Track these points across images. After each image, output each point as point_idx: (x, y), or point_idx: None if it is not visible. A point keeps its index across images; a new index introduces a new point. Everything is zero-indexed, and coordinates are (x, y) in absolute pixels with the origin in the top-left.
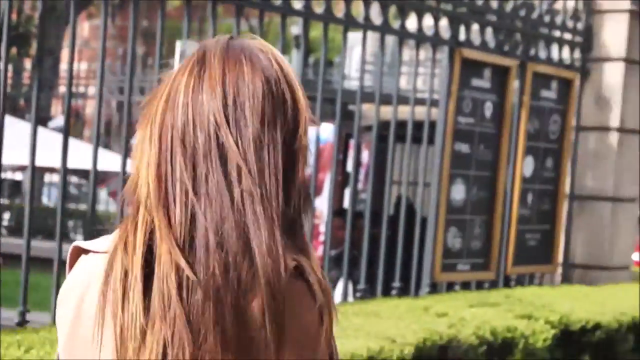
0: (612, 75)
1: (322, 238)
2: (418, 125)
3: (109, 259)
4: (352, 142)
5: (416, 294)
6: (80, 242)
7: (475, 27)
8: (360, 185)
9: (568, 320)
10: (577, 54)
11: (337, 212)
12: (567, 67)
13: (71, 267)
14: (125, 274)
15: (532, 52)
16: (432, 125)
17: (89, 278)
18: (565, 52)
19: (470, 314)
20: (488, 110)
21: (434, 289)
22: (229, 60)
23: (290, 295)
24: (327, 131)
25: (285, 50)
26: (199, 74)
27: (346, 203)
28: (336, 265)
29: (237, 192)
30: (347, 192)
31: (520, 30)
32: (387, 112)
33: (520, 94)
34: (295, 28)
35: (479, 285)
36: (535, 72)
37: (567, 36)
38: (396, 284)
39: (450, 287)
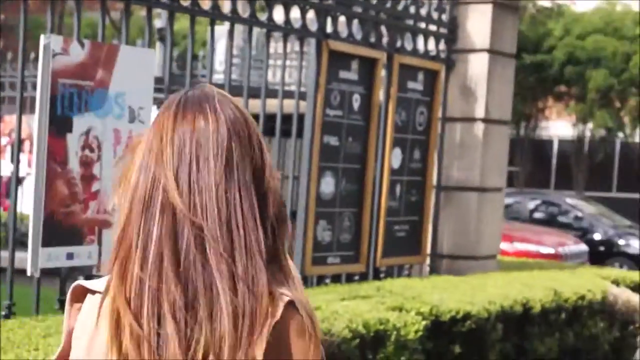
0: (477, 66)
1: None
2: (287, 119)
3: (100, 301)
4: None
5: None
6: (83, 282)
7: (342, 19)
8: None
9: (438, 311)
10: (442, 45)
11: None
12: (433, 58)
13: (72, 303)
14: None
15: (399, 44)
16: (301, 118)
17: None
18: (431, 43)
19: (342, 307)
20: (356, 102)
21: (305, 282)
22: (186, 114)
23: (287, 331)
24: None
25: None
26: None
27: None
28: None
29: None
30: None
31: (386, 22)
32: (255, 105)
33: (387, 85)
34: (158, 21)
35: (349, 278)
36: (402, 63)
37: (433, 28)
38: None
39: (320, 280)
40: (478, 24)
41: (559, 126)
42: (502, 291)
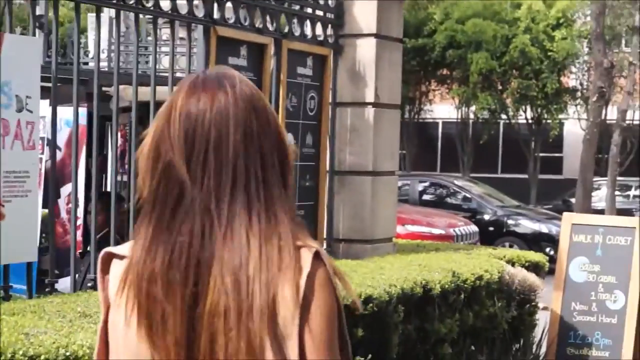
0: (365, 51)
1: (79, 222)
2: None
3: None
4: (110, 125)
5: None
6: (111, 248)
7: (229, 4)
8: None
9: (340, 295)
10: (330, 30)
11: (98, 196)
12: (321, 43)
13: (102, 269)
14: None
15: (287, 29)
16: None
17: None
18: (319, 29)
19: None
20: None
21: None
22: (206, 89)
23: (318, 279)
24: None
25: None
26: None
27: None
28: (99, 250)
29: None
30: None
31: (273, 7)
32: (145, 93)
33: (277, 71)
34: (38, 8)
35: None
36: (290, 49)
37: (320, 13)
38: None
39: None
40: (364, 9)
41: (442, 109)
42: (401, 274)
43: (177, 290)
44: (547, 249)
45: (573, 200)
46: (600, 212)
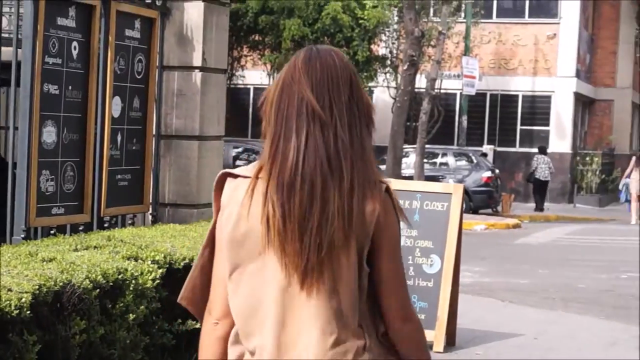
0: (193, 14)
1: None
2: (6, 67)
3: (251, 182)
4: None
5: (11, 241)
6: (228, 170)
7: None
8: None
9: (172, 258)
10: None
11: None
12: (149, 6)
13: (218, 187)
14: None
15: None
16: (20, 66)
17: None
18: None
19: (78, 258)
20: (75, 50)
21: (29, 234)
22: (336, 53)
23: (387, 204)
24: None
25: None
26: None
27: None
28: None
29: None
30: None
31: None
32: None
33: (105, 33)
34: None
35: (74, 229)
36: (118, 10)
37: None
38: None
39: (46, 231)
40: None
41: (254, 75)
42: None
43: (297, 194)
44: None
45: (382, 167)
46: (409, 179)
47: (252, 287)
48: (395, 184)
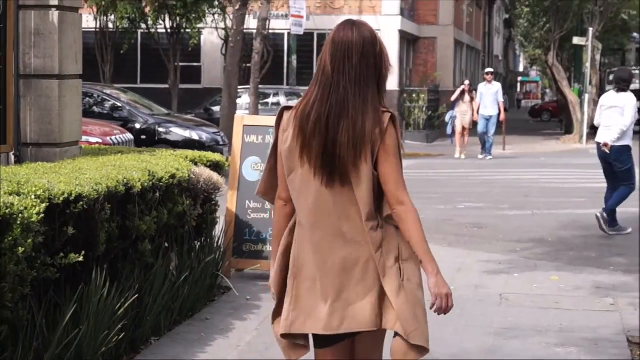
0: None
1: None
2: None
3: (291, 113)
4: None
5: None
6: (285, 105)
7: None
8: None
9: (52, 193)
10: None
11: None
12: None
13: (279, 116)
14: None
15: None
16: None
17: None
18: None
19: None
20: None
21: None
22: (359, 28)
23: (391, 127)
24: None
25: None
26: (342, 35)
27: None
28: None
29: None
30: None
31: None
32: None
33: None
34: None
35: None
36: None
37: None
38: None
39: None
40: None
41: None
42: (102, 174)
43: (327, 120)
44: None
45: (215, 108)
46: None
47: (299, 185)
48: (247, 119)
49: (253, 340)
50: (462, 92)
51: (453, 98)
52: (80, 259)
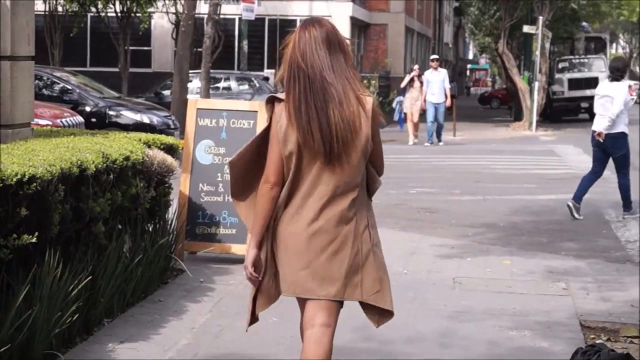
0: None
1: None
2: None
3: (284, 104)
4: None
5: None
6: (274, 94)
7: None
8: None
9: (4, 174)
10: None
11: None
12: None
13: (269, 102)
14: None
15: None
16: None
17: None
18: None
19: None
20: None
21: None
22: (320, 24)
23: (375, 110)
24: None
25: None
26: (306, 33)
27: None
28: None
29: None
30: None
31: None
32: None
33: None
34: None
35: None
36: None
37: None
38: None
39: None
40: None
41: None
42: (55, 155)
43: (316, 109)
44: None
45: (165, 92)
46: None
47: (302, 166)
48: (200, 103)
49: (207, 322)
50: (412, 79)
51: (403, 84)
52: (33, 240)
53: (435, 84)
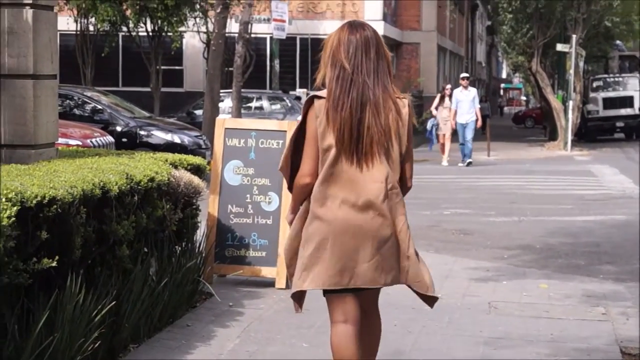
0: None
1: None
2: None
3: (325, 102)
4: None
5: None
6: (314, 93)
7: None
8: None
9: (24, 196)
10: None
11: None
12: None
13: (308, 102)
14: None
15: None
16: None
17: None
18: None
19: None
20: None
21: None
22: (365, 27)
23: (411, 112)
24: None
25: None
26: (352, 35)
27: None
28: None
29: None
30: None
31: None
32: None
33: None
34: None
35: None
36: None
37: None
38: None
39: None
40: None
41: (61, 21)
42: (77, 176)
43: (351, 111)
44: None
45: (197, 112)
46: None
47: (331, 163)
48: (228, 122)
49: (235, 348)
50: (442, 97)
51: (434, 106)
52: (54, 264)
53: (465, 103)
